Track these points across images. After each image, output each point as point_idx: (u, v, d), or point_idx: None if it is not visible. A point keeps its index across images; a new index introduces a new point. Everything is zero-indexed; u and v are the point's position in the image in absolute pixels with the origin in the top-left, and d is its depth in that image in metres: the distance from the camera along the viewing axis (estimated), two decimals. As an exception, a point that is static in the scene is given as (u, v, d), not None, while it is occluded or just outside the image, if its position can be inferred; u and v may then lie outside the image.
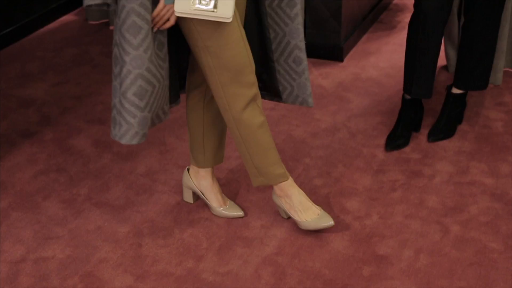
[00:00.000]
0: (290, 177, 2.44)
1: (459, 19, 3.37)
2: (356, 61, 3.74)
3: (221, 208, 2.54)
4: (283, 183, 2.42)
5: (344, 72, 3.62)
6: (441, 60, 3.54)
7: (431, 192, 2.67)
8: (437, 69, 3.55)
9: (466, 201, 2.62)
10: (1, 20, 3.95)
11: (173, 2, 2.05)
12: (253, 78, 2.25)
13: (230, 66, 2.18)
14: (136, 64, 2.07)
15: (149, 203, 2.64)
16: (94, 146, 3.00)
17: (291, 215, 2.45)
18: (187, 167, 2.60)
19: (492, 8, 2.77)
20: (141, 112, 2.13)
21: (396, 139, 2.95)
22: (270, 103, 3.30)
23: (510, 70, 3.54)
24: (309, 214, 2.43)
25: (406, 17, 4.27)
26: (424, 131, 3.05)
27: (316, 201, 2.62)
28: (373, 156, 2.90)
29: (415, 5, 2.77)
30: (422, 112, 3.07)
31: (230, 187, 2.72)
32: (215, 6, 2.03)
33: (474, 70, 2.94)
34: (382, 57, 3.78)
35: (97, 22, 4.29)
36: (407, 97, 3.00)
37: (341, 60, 3.74)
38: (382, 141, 3.00)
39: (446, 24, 2.79)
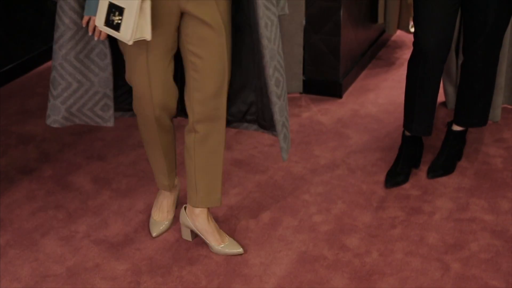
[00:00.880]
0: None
1: (457, 56, 3.39)
2: (355, 98, 3.76)
3: (220, 246, 2.53)
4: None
5: (343, 109, 3.63)
6: (440, 97, 3.55)
7: (431, 229, 2.66)
8: (436, 105, 3.55)
9: (466, 238, 2.61)
10: (2, 57, 3.98)
11: (90, 14, 2.18)
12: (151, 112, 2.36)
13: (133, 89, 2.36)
14: (53, 56, 2.28)
15: (148, 240, 2.63)
16: (93, 183, 2.99)
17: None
18: (184, 205, 2.60)
19: (491, 46, 2.79)
20: (53, 100, 2.32)
21: (396, 176, 2.95)
22: (269, 139, 3.31)
23: (509, 106, 3.55)
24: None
25: (404, 54, 4.30)
26: (424, 168, 3.04)
27: (315, 238, 2.61)
28: (372, 192, 2.90)
29: (414, 44, 2.79)
30: (422, 149, 3.07)
31: (229, 224, 2.71)
32: (118, 28, 2.12)
33: (474, 107, 2.95)
34: (381, 94, 3.80)
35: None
36: (407, 134, 3.00)
37: (340, 97, 3.76)
38: (381, 177, 2.99)
39: (446, 60, 2.81)
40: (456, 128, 3.07)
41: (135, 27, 2.09)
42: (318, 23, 3.65)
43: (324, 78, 3.76)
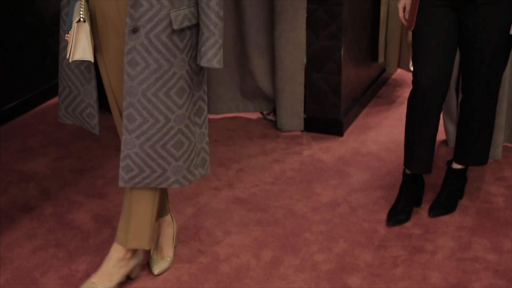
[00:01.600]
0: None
1: (457, 94, 3.41)
2: (356, 136, 3.77)
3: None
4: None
5: (344, 147, 3.64)
6: (441, 135, 3.56)
7: (433, 268, 2.64)
8: (437, 143, 3.57)
9: (469, 278, 2.59)
10: (5, 95, 4.00)
11: (68, 29, 2.30)
12: None
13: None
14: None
15: (148, 278, 2.61)
16: (94, 221, 2.98)
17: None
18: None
19: (489, 85, 2.80)
20: (59, 98, 2.50)
21: (398, 214, 2.94)
22: (270, 177, 3.31)
23: (509, 145, 3.56)
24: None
25: (405, 92, 4.32)
26: (425, 206, 3.04)
27: (317, 277, 2.59)
28: (374, 231, 2.89)
29: (413, 82, 2.81)
30: (423, 187, 3.07)
31: (230, 263, 2.69)
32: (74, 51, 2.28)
33: (474, 146, 2.96)
34: (382, 132, 3.81)
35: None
36: (408, 172, 3.00)
37: (341, 135, 3.77)
38: (383, 216, 2.98)
39: (445, 99, 2.82)
40: (456, 166, 3.07)
41: (70, 48, 2.25)
42: (319, 62, 3.68)
43: (325, 116, 3.78)
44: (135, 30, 2.22)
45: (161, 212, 2.65)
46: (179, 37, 2.26)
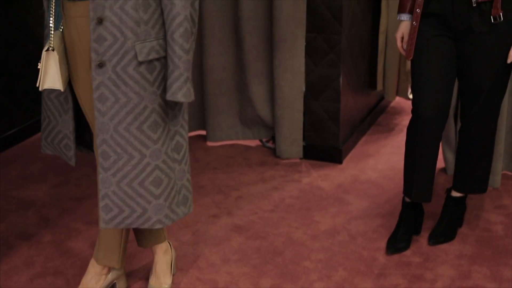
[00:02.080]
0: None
1: (455, 122, 3.42)
2: (355, 163, 3.77)
3: None
4: None
5: (343, 174, 3.64)
6: (440, 163, 3.57)
7: (433, 297, 2.63)
8: (436, 171, 3.57)
9: (469, 307, 2.58)
10: (4, 123, 4.01)
11: (48, 49, 2.31)
12: None
13: None
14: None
15: (147, 307, 2.60)
16: (92, 248, 2.97)
17: None
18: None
19: (488, 113, 2.81)
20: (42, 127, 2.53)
21: (397, 243, 2.93)
22: (269, 205, 3.30)
23: (509, 173, 3.56)
24: None
25: (403, 120, 4.33)
26: (425, 234, 3.03)
27: (316, 306, 2.58)
28: (374, 259, 2.88)
29: (412, 111, 2.82)
30: (423, 215, 3.06)
31: (229, 291, 2.68)
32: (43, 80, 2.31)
33: (473, 174, 2.96)
34: (381, 159, 3.81)
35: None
36: (407, 200, 3.00)
37: (340, 162, 3.77)
38: (382, 244, 2.98)
39: (444, 128, 2.83)
40: (455, 194, 3.07)
41: (40, 76, 2.28)
42: (318, 90, 3.70)
43: (324, 144, 3.78)
44: (101, 65, 2.18)
45: (155, 240, 2.64)
46: (147, 69, 2.22)
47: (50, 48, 2.25)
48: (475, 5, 2.58)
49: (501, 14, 2.57)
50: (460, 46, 2.71)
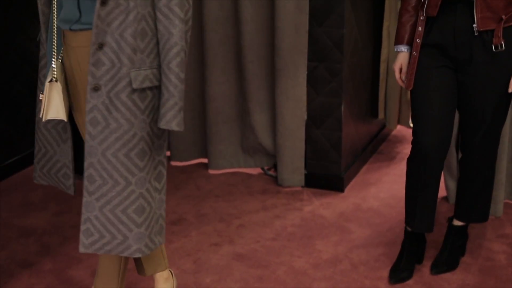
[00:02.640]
0: None
1: (457, 151, 3.42)
2: (357, 192, 3.77)
3: None
4: None
5: (345, 203, 3.63)
6: (441, 191, 3.57)
7: (436, 327, 2.61)
8: (438, 200, 3.56)
9: (472, 337, 2.56)
10: (6, 150, 4.01)
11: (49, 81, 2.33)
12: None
13: None
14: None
15: (148, 337, 2.58)
16: (93, 277, 2.96)
17: None
18: None
19: (488, 143, 2.81)
20: (34, 158, 2.50)
21: (400, 272, 2.92)
22: (271, 233, 3.29)
23: (510, 201, 3.55)
24: None
25: (405, 148, 4.34)
26: (427, 263, 3.02)
27: (319, 336, 2.56)
28: (376, 288, 2.86)
29: (413, 143, 2.82)
30: (425, 244, 3.05)
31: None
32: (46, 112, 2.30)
33: (474, 203, 2.95)
34: (383, 188, 3.81)
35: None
36: (409, 229, 2.99)
37: (342, 191, 3.77)
38: (385, 273, 2.96)
39: (445, 158, 2.83)
40: (457, 223, 3.06)
41: (43, 107, 2.28)
42: (319, 118, 3.71)
43: (326, 172, 3.78)
44: (96, 89, 2.20)
45: (156, 268, 2.63)
46: (139, 97, 2.23)
47: (54, 79, 2.27)
48: (476, 34, 2.60)
49: (502, 43, 2.58)
50: (461, 76, 2.72)
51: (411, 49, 2.80)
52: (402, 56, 2.83)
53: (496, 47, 2.60)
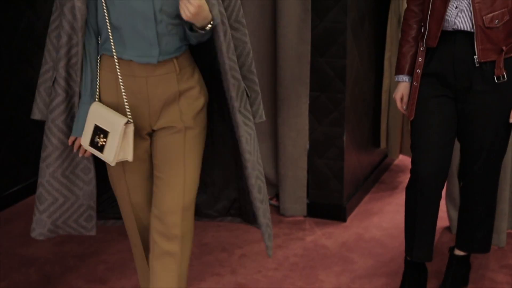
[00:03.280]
0: None
1: (459, 180, 3.42)
2: (359, 221, 3.76)
3: None
4: None
5: (347, 232, 3.62)
6: (444, 221, 3.56)
7: None
8: (440, 230, 3.56)
9: None
10: (8, 179, 4.02)
11: (77, 136, 2.28)
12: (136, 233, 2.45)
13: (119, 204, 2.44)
14: (40, 174, 2.35)
15: None
16: (95, 307, 2.95)
17: None
18: None
19: (488, 172, 2.81)
20: (39, 214, 2.38)
21: (402, 302, 2.90)
22: (273, 263, 3.28)
23: (513, 231, 3.54)
24: None
25: (407, 178, 4.28)
26: (430, 294, 3.00)
27: None
28: (378, 319, 2.84)
29: (411, 171, 2.82)
30: (426, 274, 3.03)
31: None
32: (102, 150, 2.21)
33: (476, 232, 2.94)
34: (385, 218, 3.80)
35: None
36: (409, 258, 2.98)
37: (344, 220, 3.76)
38: (387, 304, 2.95)
39: (444, 187, 2.83)
40: (459, 253, 3.05)
41: (118, 150, 2.20)
42: (321, 148, 3.72)
43: (328, 201, 3.78)
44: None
45: None
46: None
47: (130, 121, 2.22)
48: (477, 65, 2.61)
49: (504, 74, 2.60)
50: (461, 106, 2.73)
51: (411, 79, 2.82)
52: (403, 86, 2.85)
53: (498, 78, 2.61)
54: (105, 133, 2.20)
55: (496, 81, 2.62)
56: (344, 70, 3.58)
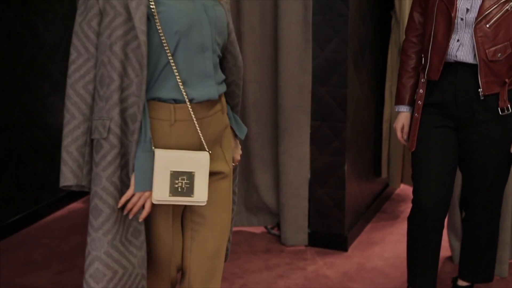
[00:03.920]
0: None
1: (461, 211, 3.41)
2: (361, 251, 3.74)
3: None
4: None
5: (348, 262, 3.61)
6: (446, 251, 3.54)
7: None
8: (443, 260, 3.54)
9: None
10: (9, 208, 4.01)
11: (146, 190, 1.98)
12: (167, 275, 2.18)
13: (151, 253, 2.14)
14: (92, 246, 1.98)
15: None
16: (95, 338, 2.92)
17: None
18: None
19: (491, 202, 2.81)
20: None
21: (404, 333, 2.88)
22: (274, 294, 3.26)
23: (516, 261, 3.53)
24: None
25: (408, 207, 4.31)
26: (433, 325, 2.98)
27: None
28: None
29: (413, 201, 2.82)
30: (429, 305, 3.02)
31: None
32: (189, 192, 2.01)
33: (478, 262, 2.93)
34: (387, 247, 3.78)
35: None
36: (413, 289, 2.97)
37: (346, 250, 3.75)
38: (389, 334, 2.92)
39: (445, 217, 2.82)
40: (461, 283, 3.03)
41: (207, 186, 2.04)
42: (323, 177, 3.72)
43: (330, 231, 3.77)
44: None
45: None
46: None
47: (210, 152, 2.09)
48: (482, 98, 2.61)
49: (508, 105, 2.61)
50: (462, 135, 2.73)
51: (411, 109, 2.83)
52: (403, 116, 2.86)
53: (502, 110, 2.62)
54: (188, 175, 2.01)
55: (500, 113, 2.62)
56: (345, 100, 3.59)
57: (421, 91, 2.74)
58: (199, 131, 2.06)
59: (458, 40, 2.61)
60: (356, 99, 3.75)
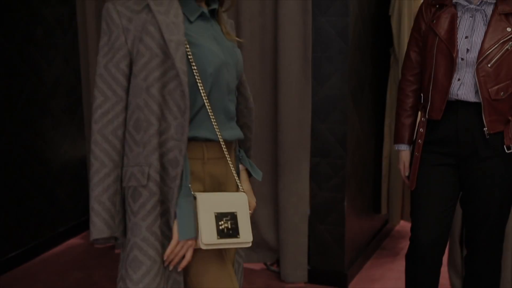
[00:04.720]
0: None
1: (461, 248, 3.40)
2: (361, 288, 3.72)
3: None
4: None
5: (349, 300, 3.58)
6: (446, 288, 3.52)
7: None
8: (443, 297, 3.52)
9: None
10: (7, 244, 4.00)
11: (190, 237, 1.88)
12: None
13: None
14: None
15: None
16: None
17: None
18: None
19: (494, 239, 2.80)
20: None
21: None
22: (274, 332, 3.22)
23: (517, 299, 3.50)
24: None
25: (408, 244, 4.30)
26: None
27: None
28: None
29: (411, 239, 2.81)
30: None
31: None
32: (235, 233, 1.93)
33: (481, 301, 2.91)
34: (387, 284, 3.76)
35: (102, 246, 4.33)
36: (414, 327, 2.94)
37: (346, 287, 3.72)
38: None
39: (443, 255, 2.81)
40: (464, 322, 3.01)
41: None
42: (322, 213, 3.71)
43: (329, 268, 3.75)
44: None
45: None
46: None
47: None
48: (488, 137, 2.62)
49: None
50: (464, 172, 2.72)
51: (411, 147, 2.83)
52: (404, 155, 2.86)
53: (508, 148, 2.63)
54: (231, 215, 1.95)
55: (506, 151, 2.63)
56: (344, 136, 3.60)
57: (421, 130, 2.74)
58: (232, 166, 2.03)
59: (459, 79, 2.62)
60: (355, 135, 3.76)
